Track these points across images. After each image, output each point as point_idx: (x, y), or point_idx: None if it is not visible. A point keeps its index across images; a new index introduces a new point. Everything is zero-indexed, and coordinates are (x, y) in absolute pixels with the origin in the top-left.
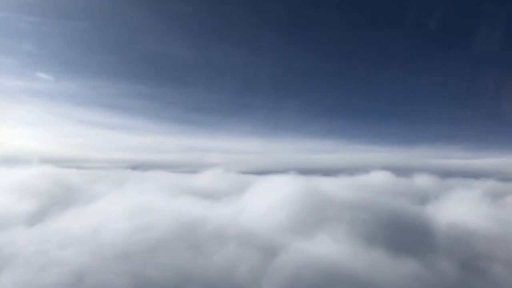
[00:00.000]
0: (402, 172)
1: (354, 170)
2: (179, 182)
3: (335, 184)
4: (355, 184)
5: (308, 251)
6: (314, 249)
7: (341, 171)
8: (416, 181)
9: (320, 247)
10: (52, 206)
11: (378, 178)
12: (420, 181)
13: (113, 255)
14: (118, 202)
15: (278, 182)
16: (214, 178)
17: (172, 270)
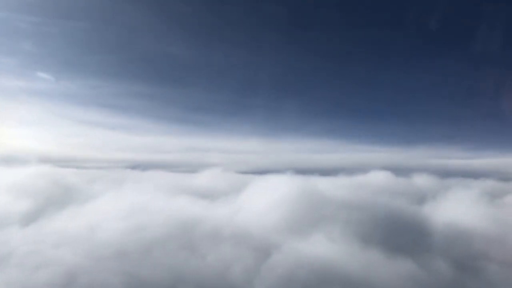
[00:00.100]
0: (401, 172)
1: (354, 170)
2: (177, 182)
3: (333, 184)
4: (354, 184)
5: (302, 251)
6: (309, 249)
7: (340, 171)
8: (415, 181)
9: (315, 247)
10: (48, 205)
11: (377, 178)
12: (419, 181)
13: (107, 255)
14: (115, 202)
15: (275, 182)
16: (212, 178)
17: (166, 270)
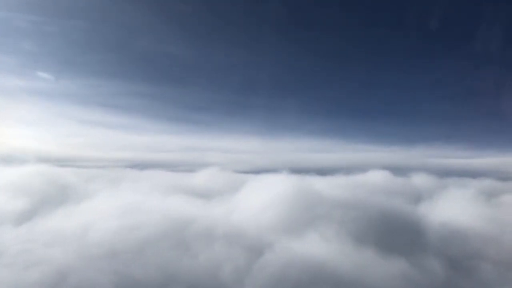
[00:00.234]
0: (400, 171)
1: (352, 170)
2: (175, 181)
3: (330, 183)
4: (352, 183)
5: (295, 250)
6: (302, 248)
7: (339, 171)
8: (413, 180)
9: (308, 246)
10: (43, 205)
11: (375, 177)
12: (417, 180)
13: (99, 254)
14: (110, 201)
15: (271, 182)
16: (210, 177)
17: (157, 269)
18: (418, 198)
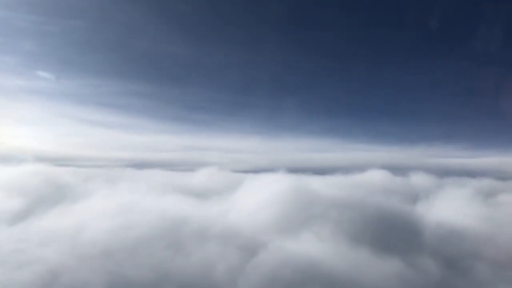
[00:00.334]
0: (399, 171)
1: (351, 169)
2: (173, 181)
3: (328, 183)
4: (349, 183)
5: (289, 250)
6: (297, 247)
7: (338, 170)
8: (412, 180)
9: (303, 246)
10: (39, 204)
11: (374, 177)
12: (416, 180)
13: (92, 254)
14: (106, 201)
15: (268, 181)
16: (208, 176)
17: (150, 269)
18: (415, 197)
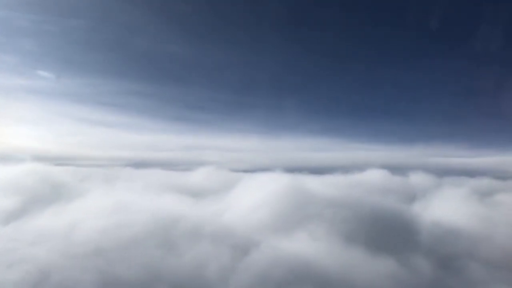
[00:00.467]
0: (399, 170)
1: (351, 168)
2: (170, 180)
3: (323, 182)
4: (347, 182)
5: (283, 249)
6: (290, 247)
7: (337, 169)
8: (411, 179)
9: (296, 245)
10: (34, 203)
11: (373, 176)
12: (415, 179)
13: (84, 253)
14: (102, 200)
15: (265, 180)
16: (206, 176)
17: (142, 268)
18: (413, 197)
